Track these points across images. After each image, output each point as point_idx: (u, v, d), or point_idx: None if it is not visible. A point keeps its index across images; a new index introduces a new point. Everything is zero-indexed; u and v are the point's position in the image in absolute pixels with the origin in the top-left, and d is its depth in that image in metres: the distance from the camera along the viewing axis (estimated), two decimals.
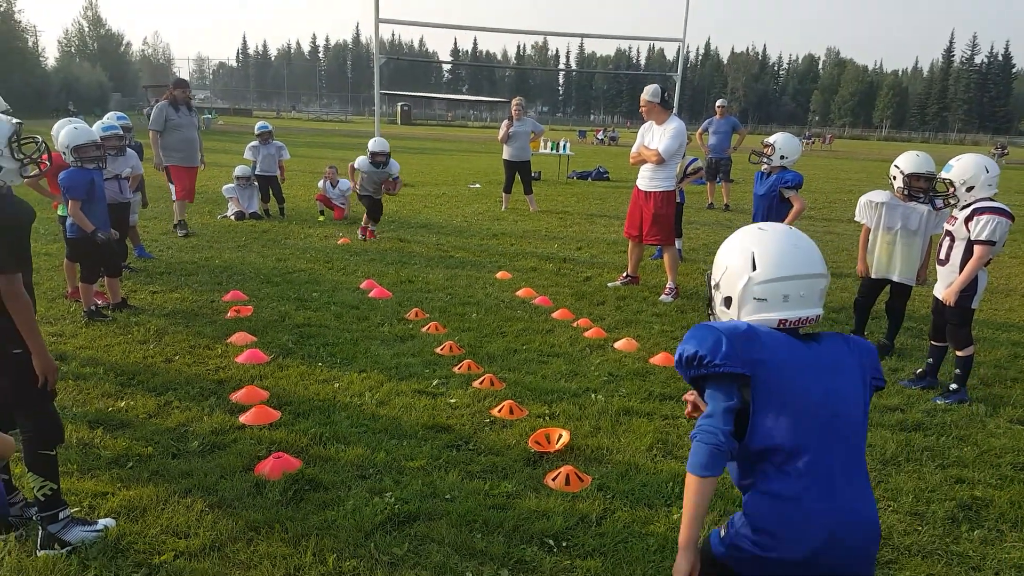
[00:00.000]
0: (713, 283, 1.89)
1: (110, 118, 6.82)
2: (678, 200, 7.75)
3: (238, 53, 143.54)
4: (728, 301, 1.82)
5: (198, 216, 9.96)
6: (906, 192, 4.79)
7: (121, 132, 6.29)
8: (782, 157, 5.82)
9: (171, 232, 8.63)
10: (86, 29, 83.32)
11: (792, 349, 1.70)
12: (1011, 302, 6.85)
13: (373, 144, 8.75)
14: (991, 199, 4.14)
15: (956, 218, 4.22)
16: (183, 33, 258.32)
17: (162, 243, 8.08)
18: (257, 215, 10.17)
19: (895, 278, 4.94)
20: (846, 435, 1.68)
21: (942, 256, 4.34)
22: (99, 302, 5.47)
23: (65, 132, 5.00)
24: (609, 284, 6.88)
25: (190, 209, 10.40)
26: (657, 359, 4.79)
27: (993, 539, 2.88)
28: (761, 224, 1.86)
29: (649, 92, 6.38)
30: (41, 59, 63.43)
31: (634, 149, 6.63)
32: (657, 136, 6.40)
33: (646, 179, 6.52)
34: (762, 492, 1.68)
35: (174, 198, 8.61)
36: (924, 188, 4.74)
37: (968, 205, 4.15)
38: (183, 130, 8.26)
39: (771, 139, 5.94)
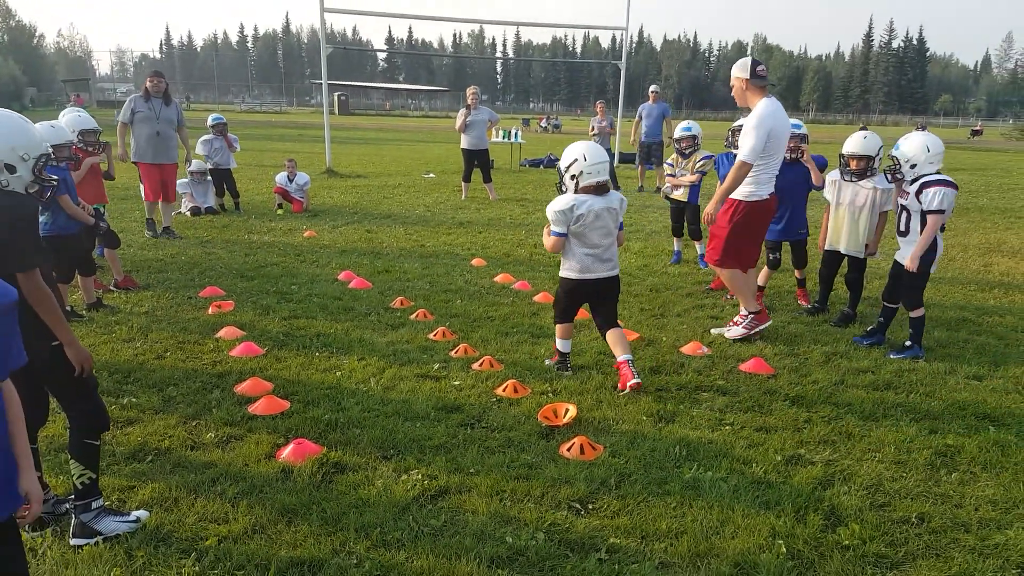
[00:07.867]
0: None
1: (68, 114, 6.58)
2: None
3: (161, 44, 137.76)
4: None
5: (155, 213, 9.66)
6: (841, 169, 5.17)
7: (98, 128, 6.18)
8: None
9: (136, 231, 8.37)
10: None
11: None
12: (952, 271, 7.37)
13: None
14: (937, 173, 4.54)
15: (908, 192, 4.62)
16: (100, 24, 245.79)
17: (123, 241, 7.82)
18: (213, 209, 9.96)
19: (842, 250, 5.33)
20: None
21: (902, 228, 4.72)
22: (99, 291, 5.64)
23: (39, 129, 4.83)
24: None
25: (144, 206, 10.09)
26: (636, 337, 5.00)
27: (968, 480, 3.20)
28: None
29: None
30: None
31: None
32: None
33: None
34: None
35: (143, 198, 8.28)
36: (855, 169, 5.08)
37: (916, 180, 4.57)
38: (151, 124, 7.92)
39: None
